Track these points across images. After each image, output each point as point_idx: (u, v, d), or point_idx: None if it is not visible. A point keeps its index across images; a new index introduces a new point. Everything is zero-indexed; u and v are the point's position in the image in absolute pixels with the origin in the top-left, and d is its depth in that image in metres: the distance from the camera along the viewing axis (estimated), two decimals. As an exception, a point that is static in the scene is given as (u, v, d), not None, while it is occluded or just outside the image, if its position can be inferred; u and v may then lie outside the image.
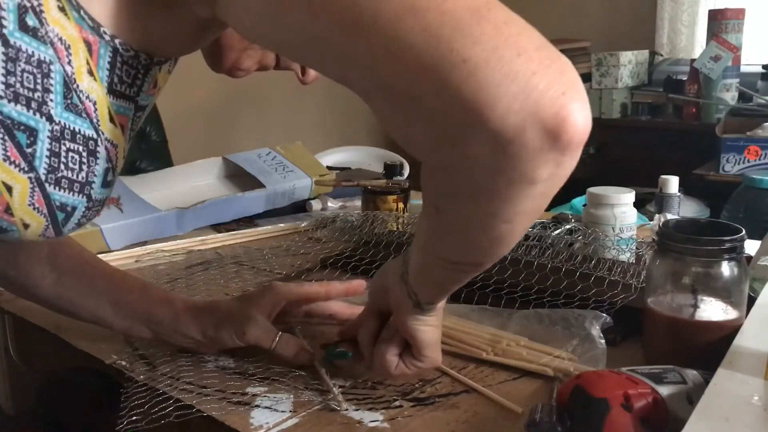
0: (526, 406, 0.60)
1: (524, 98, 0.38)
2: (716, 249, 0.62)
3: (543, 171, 0.41)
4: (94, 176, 0.54)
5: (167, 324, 0.70)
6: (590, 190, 0.96)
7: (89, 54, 0.50)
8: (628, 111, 2.58)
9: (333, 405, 0.62)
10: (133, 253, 1.07)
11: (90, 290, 0.72)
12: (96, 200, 0.55)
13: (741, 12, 2.31)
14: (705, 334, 0.63)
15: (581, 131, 0.40)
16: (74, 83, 0.50)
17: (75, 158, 0.52)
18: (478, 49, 0.38)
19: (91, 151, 0.53)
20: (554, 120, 0.39)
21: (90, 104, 0.52)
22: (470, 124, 0.39)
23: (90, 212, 0.56)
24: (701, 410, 0.49)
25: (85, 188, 0.54)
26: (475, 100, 0.38)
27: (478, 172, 0.42)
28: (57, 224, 0.54)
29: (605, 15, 2.98)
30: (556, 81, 0.39)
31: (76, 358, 0.77)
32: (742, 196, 1.59)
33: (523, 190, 0.42)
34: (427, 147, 0.43)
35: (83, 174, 0.53)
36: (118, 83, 0.53)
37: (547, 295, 0.80)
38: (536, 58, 0.39)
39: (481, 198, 0.44)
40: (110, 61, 0.52)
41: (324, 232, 1.16)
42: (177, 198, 1.25)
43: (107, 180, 0.56)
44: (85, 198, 0.54)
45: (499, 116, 0.38)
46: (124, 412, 0.62)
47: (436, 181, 0.47)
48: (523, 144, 0.39)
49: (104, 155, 0.54)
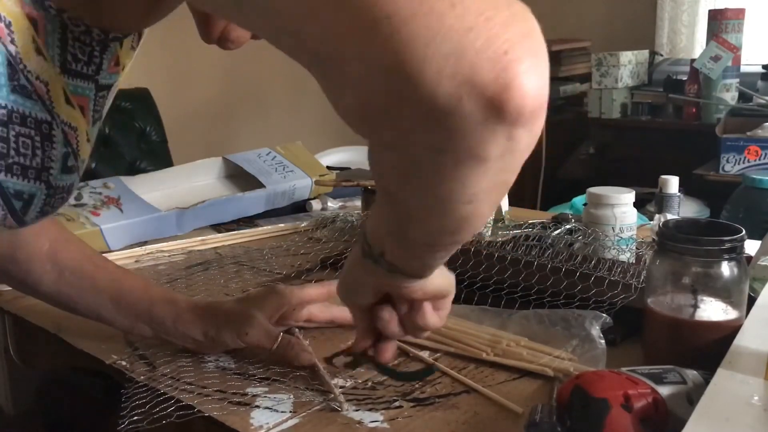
0: (526, 406, 0.60)
1: (457, 60, 0.32)
2: (716, 249, 0.62)
3: (492, 147, 0.34)
4: (51, 161, 0.50)
5: (169, 323, 0.70)
6: (590, 190, 0.95)
7: (35, 31, 0.47)
8: (628, 111, 2.57)
9: (335, 406, 0.62)
10: (133, 253, 1.07)
11: (92, 287, 0.72)
12: (57, 187, 0.52)
13: (741, 12, 2.30)
14: (705, 334, 0.63)
15: (533, 96, 0.33)
16: (20, 63, 0.47)
17: (27, 143, 0.49)
18: (404, 1, 0.32)
19: (46, 135, 0.49)
20: (495, 86, 0.32)
21: (41, 85, 0.48)
22: (397, 92, 0.33)
23: (53, 200, 0.53)
24: (701, 410, 0.49)
25: (41, 174, 0.50)
26: (400, 62, 0.32)
27: (418, 150, 0.36)
28: (15, 213, 0.51)
29: (605, 15, 2.98)
30: (498, 36, 0.32)
31: (76, 358, 0.77)
32: (742, 196, 1.59)
33: (474, 168, 0.36)
34: (358, 121, 0.37)
35: (38, 160, 0.49)
36: (73, 61, 0.50)
37: (547, 296, 0.80)
38: (474, 9, 0.32)
39: (429, 180, 0.38)
40: (60, 38, 0.48)
41: (324, 232, 1.16)
42: (177, 198, 1.25)
43: (68, 165, 0.52)
44: (44, 185, 0.51)
45: (429, 82, 0.32)
46: (125, 412, 0.62)
47: (378, 161, 0.40)
48: (462, 116, 0.33)
49: (61, 139, 0.51)
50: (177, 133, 2.22)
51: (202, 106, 2.65)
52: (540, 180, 2.60)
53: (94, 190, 1.16)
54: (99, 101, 0.55)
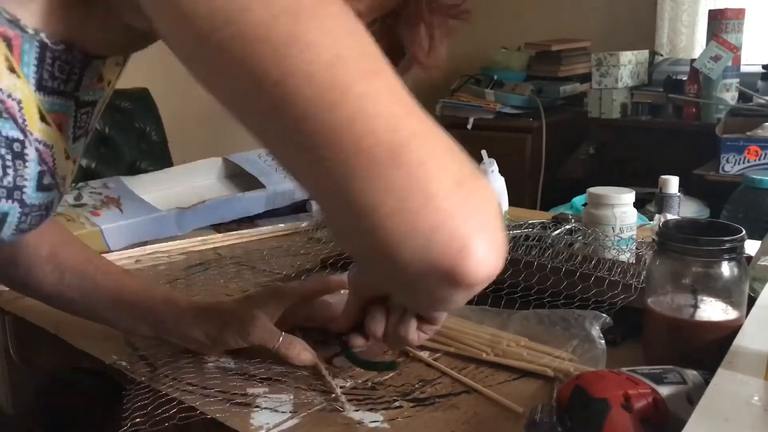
0: (526, 406, 0.60)
1: (424, 253, 0.40)
2: (716, 249, 0.62)
3: (451, 296, 0.44)
4: (25, 180, 0.50)
5: (170, 324, 0.70)
6: (590, 190, 0.95)
7: (9, 50, 0.47)
8: (628, 111, 2.57)
9: (337, 406, 0.62)
10: (133, 253, 1.07)
11: (93, 289, 0.72)
12: (33, 205, 0.52)
13: (741, 12, 2.30)
14: (705, 335, 0.63)
15: (485, 272, 0.42)
16: None
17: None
18: (388, 198, 0.40)
19: (17, 154, 0.49)
20: (453, 271, 0.41)
21: (13, 103, 0.48)
22: (379, 262, 0.43)
23: (29, 218, 0.52)
24: (701, 410, 0.49)
25: (14, 193, 0.50)
26: (382, 247, 0.41)
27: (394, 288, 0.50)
28: None
29: (605, 15, 2.98)
30: (458, 231, 0.41)
31: (76, 358, 0.77)
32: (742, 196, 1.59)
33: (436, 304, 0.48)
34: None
35: (9, 179, 0.49)
36: (49, 79, 0.50)
37: (547, 296, 0.80)
38: (443, 208, 0.40)
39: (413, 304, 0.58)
40: (38, 57, 0.48)
41: (324, 232, 1.16)
42: (177, 198, 1.25)
43: (44, 183, 0.52)
44: (17, 204, 0.50)
45: (402, 264, 0.41)
46: (127, 414, 0.62)
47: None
48: (428, 286, 0.43)
49: (35, 157, 0.50)
50: (177, 133, 2.22)
51: (202, 106, 2.63)
52: (540, 180, 2.60)
53: (94, 190, 1.16)
54: (81, 117, 0.55)
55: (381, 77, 0.42)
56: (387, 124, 0.40)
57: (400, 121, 0.41)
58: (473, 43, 2.58)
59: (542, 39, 2.88)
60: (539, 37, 2.91)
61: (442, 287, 0.43)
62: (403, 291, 0.48)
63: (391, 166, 0.40)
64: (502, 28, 3.11)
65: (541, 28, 3.04)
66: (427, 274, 0.41)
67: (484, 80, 2.91)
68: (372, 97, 0.41)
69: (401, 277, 0.43)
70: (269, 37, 0.40)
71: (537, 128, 2.64)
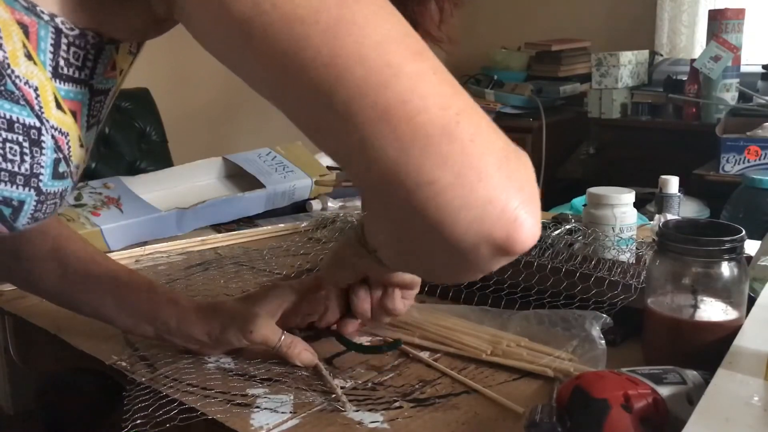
0: (526, 406, 0.60)
1: (479, 224, 0.42)
2: (716, 249, 0.62)
3: (495, 266, 0.46)
4: (41, 168, 0.50)
5: (173, 324, 0.70)
6: (590, 190, 0.96)
7: (26, 37, 0.47)
8: (628, 111, 2.58)
9: (337, 406, 0.62)
10: (133, 253, 1.07)
11: (95, 286, 0.72)
12: (48, 193, 0.52)
13: (741, 12, 2.30)
14: (705, 335, 0.63)
15: (531, 240, 0.44)
16: (8, 68, 0.46)
17: (14, 149, 0.48)
18: (444, 173, 0.41)
19: (34, 141, 0.49)
20: (506, 240, 0.43)
21: (30, 90, 0.48)
22: (431, 235, 0.43)
23: (45, 206, 0.52)
24: (701, 410, 0.49)
25: (31, 181, 0.50)
26: (438, 220, 0.42)
27: (438, 268, 0.50)
28: (5, 220, 0.50)
29: (605, 15, 2.98)
30: (510, 203, 0.42)
31: (76, 359, 0.77)
32: (742, 196, 1.59)
33: (477, 274, 0.48)
34: (387, 241, 0.52)
35: (26, 166, 0.49)
36: (65, 66, 0.50)
37: (547, 296, 0.80)
38: (494, 183, 0.42)
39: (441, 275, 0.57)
40: (53, 43, 0.48)
41: (324, 233, 1.16)
42: (177, 198, 1.25)
43: (59, 171, 0.52)
44: (34, 191, 0.50)
45: (457, 235, 0.43)
46: (127, 415, 0.62)
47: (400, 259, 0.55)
48: (478, 256, 0.44)
49: (51, 145, 0.50)
50: (177, 133, 2.22)
51: (202, 106, 2.65)
52: (540, 180, 2.60)
53: (94, 190, 1.16)
54: (95, 106, 0.55)
55: (425, 56, 0.43)
56: (437, 102, 0.42)
57: (449, 99, 0.42)
58: (473, 43, 2.58)
59: (542, 39, 2.88)
60: (539, 37, 2.91)
61: (492, 256, 0.44)
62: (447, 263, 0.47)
63: (446, 142, 0.41)
64: (502, 28, 3.12)
65: (541, 28, 3.04)
66: (480, 245, 0.43)
67: (484, 80, 2.91)
68: (421, 76, 0.42)
69: (453, 248, 0.43)
70: (318, 21, 0.41)
71: (537, 128, 2.65)
